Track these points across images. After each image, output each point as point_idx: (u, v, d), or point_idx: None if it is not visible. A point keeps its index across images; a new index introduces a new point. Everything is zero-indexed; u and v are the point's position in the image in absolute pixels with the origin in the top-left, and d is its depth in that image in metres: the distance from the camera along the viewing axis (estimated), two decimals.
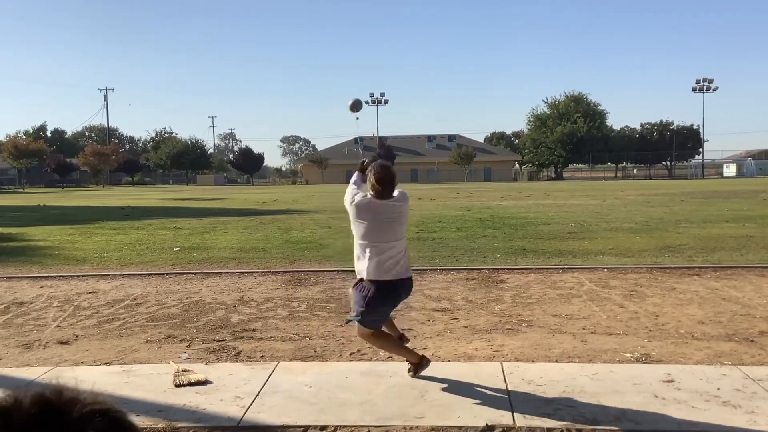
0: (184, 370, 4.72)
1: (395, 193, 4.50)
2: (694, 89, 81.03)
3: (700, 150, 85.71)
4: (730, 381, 4.41)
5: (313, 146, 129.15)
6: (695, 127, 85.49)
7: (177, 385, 4.47)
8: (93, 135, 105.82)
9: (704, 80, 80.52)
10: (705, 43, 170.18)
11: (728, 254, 10.29)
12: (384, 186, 4.41)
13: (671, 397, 4.12)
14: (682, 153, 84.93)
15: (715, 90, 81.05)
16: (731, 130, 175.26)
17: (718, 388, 4.26)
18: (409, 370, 4.61)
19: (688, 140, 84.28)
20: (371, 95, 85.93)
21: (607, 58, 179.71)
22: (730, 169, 78.11)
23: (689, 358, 5.04)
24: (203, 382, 4.53)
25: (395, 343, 4.68)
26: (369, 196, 4.47)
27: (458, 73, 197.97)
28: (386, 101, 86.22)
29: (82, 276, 9.14)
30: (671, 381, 4.42)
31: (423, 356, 4.64)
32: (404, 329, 6.00)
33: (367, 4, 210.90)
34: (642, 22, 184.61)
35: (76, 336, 5.96)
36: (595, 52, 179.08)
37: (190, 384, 4.49)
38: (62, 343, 5.73)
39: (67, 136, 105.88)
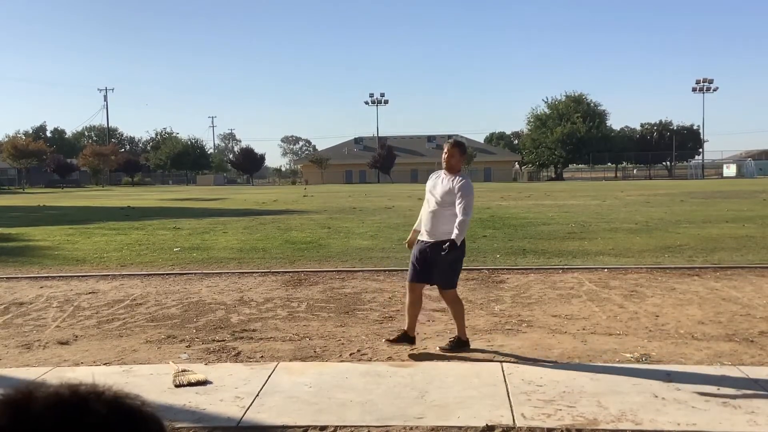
0: (184, 371, 4.72)
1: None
2: (694, 89, 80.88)
3: (700, 150, 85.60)
4: (730, 381, 4.41)
5: (314, 146, 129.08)
6: (695, 127, 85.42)
7: (177, 386, 4.47)
8: (93, 135, 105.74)
9: (704, 80, 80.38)
10: (705, 43, 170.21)
11: (728, 254, 10.29)
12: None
13: (671, 398, 4.12)
14: (682, 153, 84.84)
15: (715, 90, 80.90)
16: (731, 131, 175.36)
17: (718, 389, 4.26)
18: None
19: (688, 140, 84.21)
20: (371, 95, 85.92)
21: (608, 59, 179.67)
22: (730, 170, 78.06)
23: (689, 359, 5.04)
24: (203, 383, 4.53)
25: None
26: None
27: (458, 73, 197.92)
28: (386, 101, 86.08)
29: (82, 276, 9.14)
30: (671, 381, 4.42)
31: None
32: (404, 329, 5.99)
33: (367, 4, 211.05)
34: (642, 23, 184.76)
35: (76, 336, 5.96)
36: (595, 53, 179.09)
37: (190, 384, 4.49)
38: (62, 343, 5.73)
39: (66, 136, 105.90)
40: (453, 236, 5.10)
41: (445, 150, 5.38)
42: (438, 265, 5.18)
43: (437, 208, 5.24)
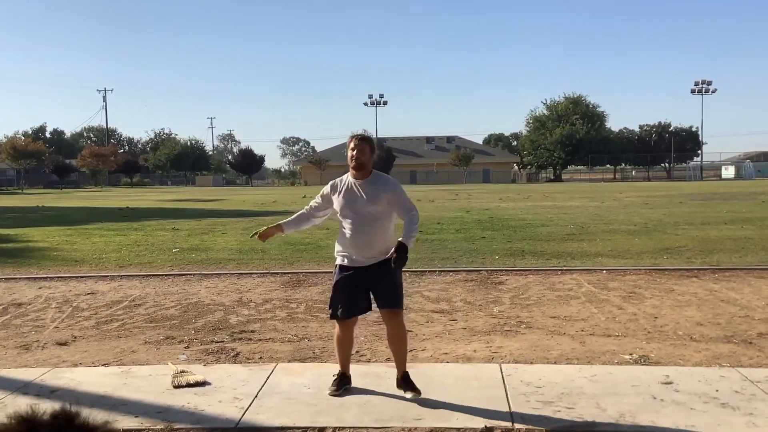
0: (183, 371, 4.72)
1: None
2: (692, 91, 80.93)
3: (699, 152, 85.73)
4: (728, 383, 4.41)
5: (313, 147, 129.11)
6: (694, 129, 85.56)
7: (175, 387, 4.47)
8: (92, 136, 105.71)
9: (703, 82, 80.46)
10: (704, 45, 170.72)
11: (727, 256, 10.30)
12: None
13: (670, 399, 4.12)
14: (681, 155, 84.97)
15: (714, 92, 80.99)
16: (730, 132, 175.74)
17: (717, 390, 4.26)
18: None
19: (686, 142, 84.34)
20: (370, 96, 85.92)
21: (606, 60, 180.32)
22: (728, 171, 78.22)
23: (688, 360, 5.04)
24: (202, 384, 4.53)
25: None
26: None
27: (457, 74, 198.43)
28: (385, 102, 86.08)
29: (81, 277, 9.13)
30: (670, 383, 4.42)
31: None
32: (341, 370, 5.79)
33: (366, 6, 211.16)
34: (642, 24, 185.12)
35: (75, 337, 5.96)
36: (594, 54, 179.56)
37: (189, 385, 4.49)
38: (60, 344, 5.72)
39: (66, 136, 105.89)
40: (406, 240, 4.14)
41: (352, 145, 4.37)
42: (384, 284, 4.23)
43: (367, 224, 4.25)
